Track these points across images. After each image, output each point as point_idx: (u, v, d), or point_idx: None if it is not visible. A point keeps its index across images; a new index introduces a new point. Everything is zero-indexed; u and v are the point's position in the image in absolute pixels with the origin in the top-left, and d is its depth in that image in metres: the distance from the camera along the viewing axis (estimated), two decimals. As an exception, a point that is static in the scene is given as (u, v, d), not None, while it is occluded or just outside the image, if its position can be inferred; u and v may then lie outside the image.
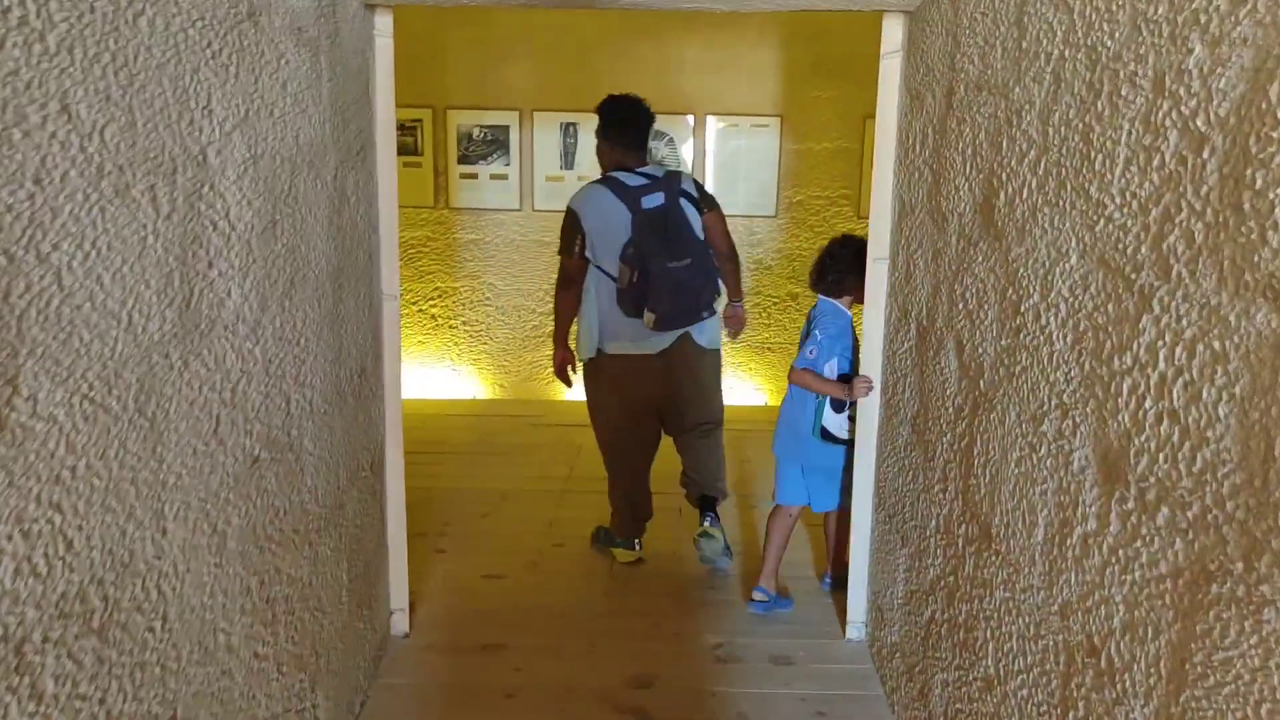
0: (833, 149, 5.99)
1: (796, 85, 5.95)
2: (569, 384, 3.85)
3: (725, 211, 3.91)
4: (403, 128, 6.01)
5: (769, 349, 6.20)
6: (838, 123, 5.96)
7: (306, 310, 2.25)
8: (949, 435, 2.30)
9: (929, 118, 2.55)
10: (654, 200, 3.52)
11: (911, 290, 2.67)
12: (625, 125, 3.66)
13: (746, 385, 6.24)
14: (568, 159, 6.02)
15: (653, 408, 3.77)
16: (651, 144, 6.06)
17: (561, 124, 5.99)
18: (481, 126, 6.02)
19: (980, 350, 2.08)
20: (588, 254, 3.59)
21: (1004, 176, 1.95)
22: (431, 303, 6.18)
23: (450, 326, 6.21)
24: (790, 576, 3.71)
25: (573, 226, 3.60)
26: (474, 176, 6.05)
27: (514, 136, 6.00)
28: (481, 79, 5.95)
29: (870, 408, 3.08)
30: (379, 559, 3.04)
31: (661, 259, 3.43)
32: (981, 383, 2.07)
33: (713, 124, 5.96)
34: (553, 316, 3.80)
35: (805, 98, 5.95)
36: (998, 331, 1.97)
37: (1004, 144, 1.95)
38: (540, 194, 6.05)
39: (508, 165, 6.03)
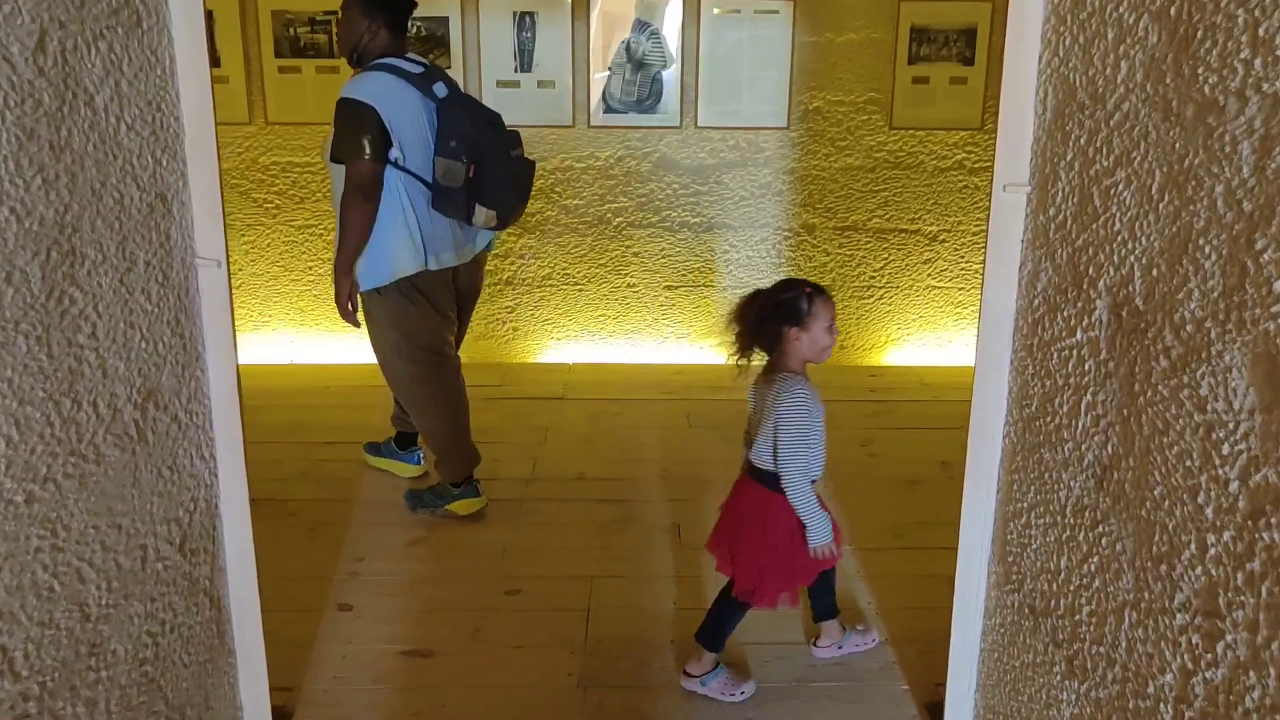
0: (859, 41, 4.76)
1: (812, -40, 4.71)
2: (357, 324, 3.25)
3: (724, 123, 3.64)
4: (311, 23, 4.73)
5: (779, 294, 5.04)
6: (864, 7, 4.72)
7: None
8: (1210, 517, 1.18)
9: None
10: (442, 90, 3.17)
11: (1102, 243, 1.52)
12: (398, 2, 3.22)
13: (752, 339, 5.09)
14: (524, 59, 4.77)
15: (453, 324, 3.42)
16: (632, 37, 4.85)
17: (515, 13, 4.73)
18: (414, 19, 4.74)
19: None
20: (393, 155, 3.05)
21: None
22: (360, 244, 4.96)
23: (385, 273, 5.00)
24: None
25: (366, 123, 3.01)
26: (407, 84, 4.79)
27: (455, 31, 4.74)
28: (411, -43, 4.67)
29: (990, 415, 1.94)
30: (213, 678, 1.92)
31: (499, 147, 3.14)
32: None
33: (708, 11, 4.71)
34: (339, 241, 3.12)
35: (823, -24, 4.72)
36: None
37: None
38: (491, 103, 4.77)
39: (449, 67, 4.77)
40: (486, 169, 3.08)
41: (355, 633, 2.71)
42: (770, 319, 2.33)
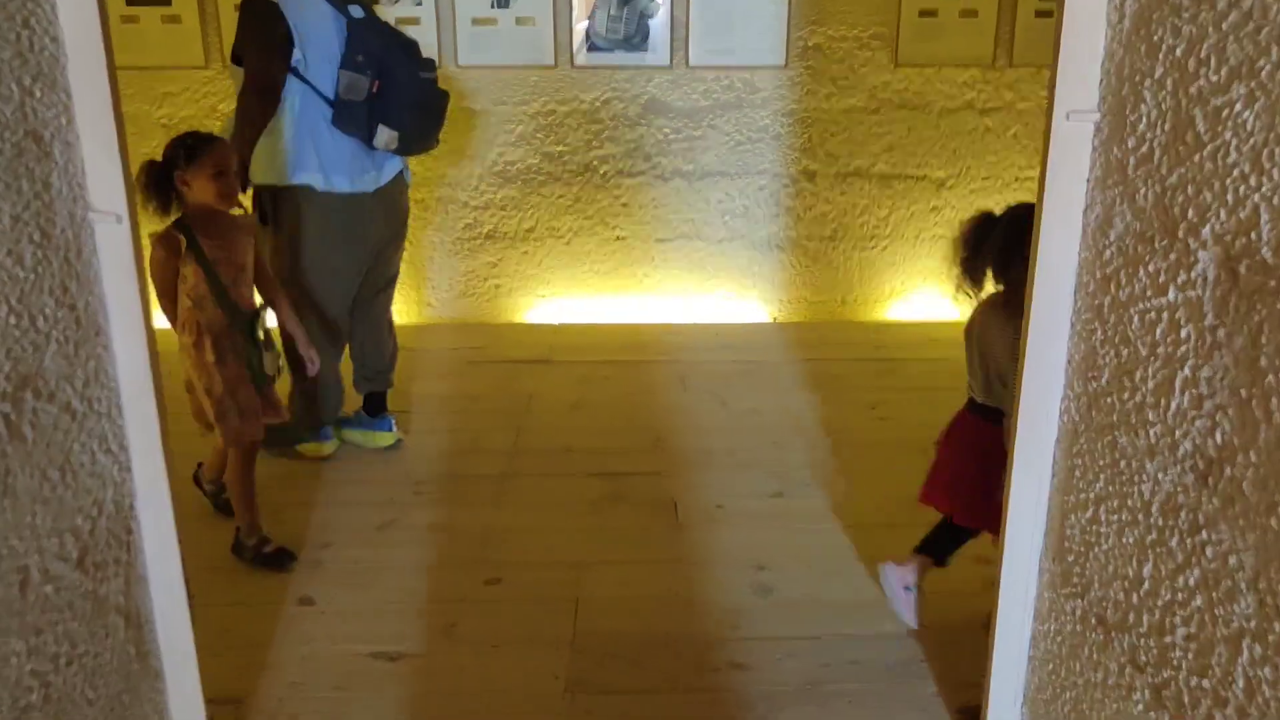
0: (862, -29, 4.40)
1: (812, -119, 4.33)
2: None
3: (717, 62, 3.62)
4: (268, -47, 4.34)
5: (777, 247, 4.72)
6: (868, -67, 4.37)
7: None
8: None
9: None
10: (358, 12, 3.02)
11: (1208, 180, 1.21)
12: None
13: (744, 298, 4.79)
14: (501, -6, 4.40)
15: (362, 265, 3.23)
16: None
17: (490, -56, 4.36)
18: (380, -49, 4.36)
19: None
20: (295, 60, 2.92)
21: None
22: (328, 197, 4.62)
23: (356, 228, 4.66)
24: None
25: (268, 23, 2.90)
26: (374, 22, 4.41)
27: (425, -37, 4.37)
28: (375, -119, 4.27)
29: (1045, 388, 1.64)
30: (131, 709, 1.63)
31: (409, 67, 3.04)
32: None
33: (698, -61, 4.34)
34: (239, 132, 3.00)
35: (824, -101, 4.34)
36: None
37: None
38: (466, 43, 4.45)
39: (419, 4, 4.40)
40: (393, 87, 3.00)
41: (316, 630, 2.42)
42: (1016, 246, 2.01)
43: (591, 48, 4.45)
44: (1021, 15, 4.44)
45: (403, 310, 4.73)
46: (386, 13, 4.31)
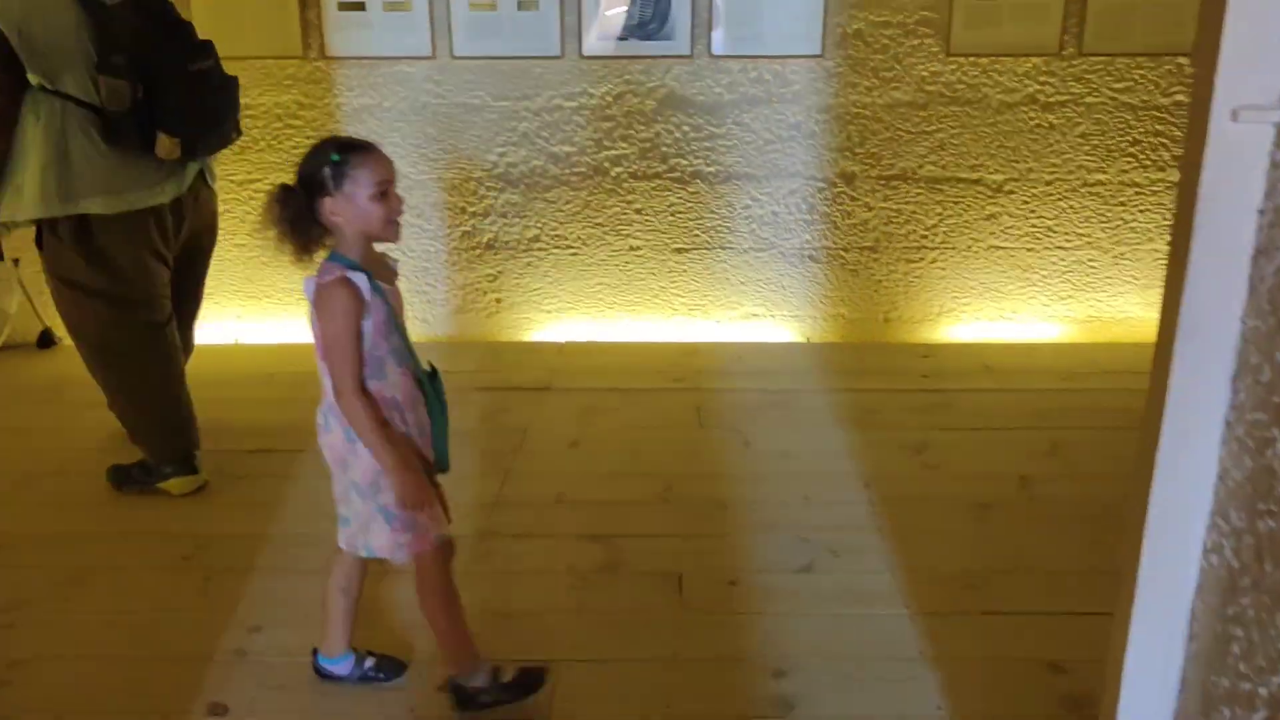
0: (909, -54, 3.87)
1: None
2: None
3: (744, 51, 3.27)
4: (242, -71, 3.90)
5: (811, 259, 4.21)
6: (917, -96, 3.84)
7: None
8: None
9: None
10: None
11: None
12: None
13: (773, 316, 4.28)
14: (501, -25, 3.92)
15: (164, 281, 2.89)
16: None
17: (488, -82, 3.88)
18: (366, -73, 3.91)
19: None
20: (34, 79, 2.53)
21: None
22: (312, 202, 4.17)
23: (342, 236, 4.21)
24: None
25: None
26: (359, 6, 3.96)
27: (416, -60, 3.91)
28: None
29: (1177, 519, 1.13)
30: None
31: (178, 61, 2.68)
32: None
33: (723, -89, 3.84)
34: None
35: None
36: None
37: None
38: (463, 31, 3.97)
39: (410, -13, 3.94)
40: (160, 87, 2.64)
41: None
42: None
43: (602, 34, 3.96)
44: (1086, -5, 3.88)
45: (394, 327, 4.28)
46: (371, -4, 3.86)
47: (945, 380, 3.75)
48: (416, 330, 4.28)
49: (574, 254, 4.22)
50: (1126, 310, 4.24)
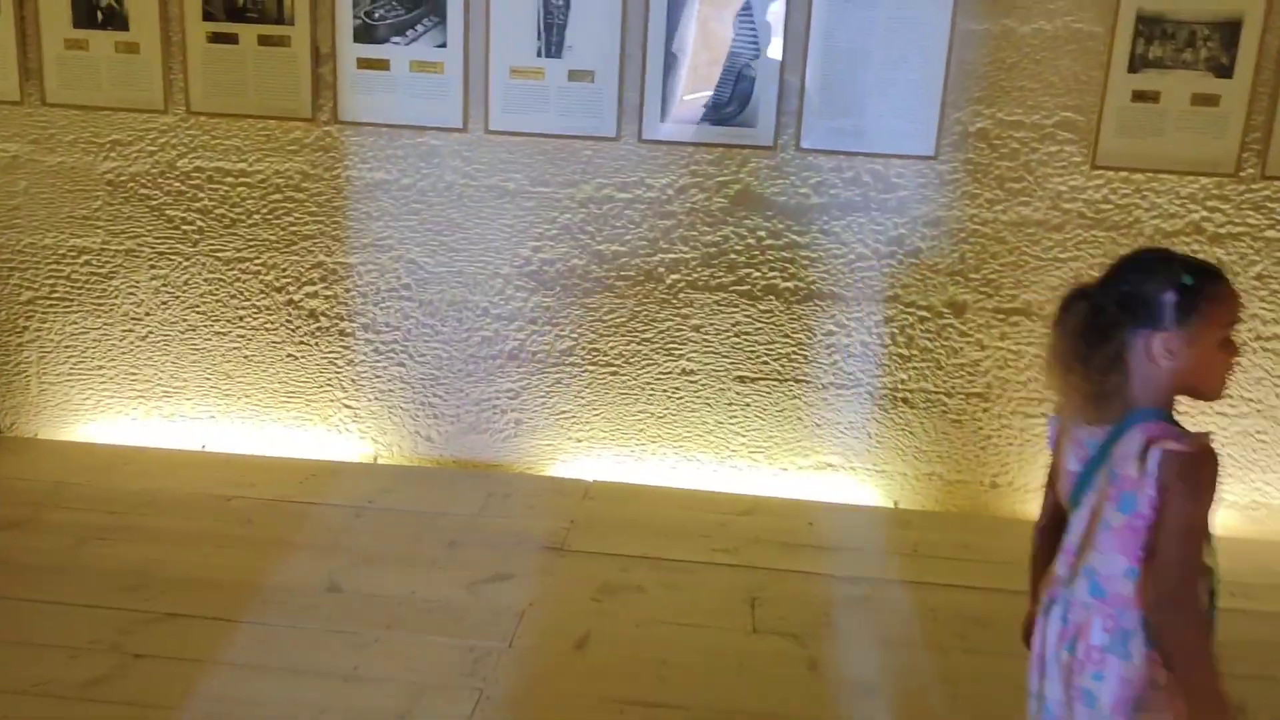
0: (1054, 32, 3.13)
1: (992, -94, 3.11)
2: None
3: (839, 146, 2.73)
4: (251, -32, 3.32)
5: (905, 402, 3.41)
6: (1067, -18, 3.11)
7: None
8: None
9: None
10: None
11: None
12: None
13: (853, 470, 3.47)
14: (552, 38, 3.27)
15: None
16: (706, 14, 3.24)
17: (541, -30, 3.25)
18: (397, -27, 3.30)
19: None
20: None
21: None
22: (310, 290, 3.50)
23: (342, 333, 3.53)
24: None
25: None
26: (383, 65, 3.33)
27: (454, -8, 3.28)
28: (398, -118, 3.23)
29: None
30: None
31: None
32: None
33: (825, -23, 3.16)
34: None
35: (1007, -70, 3.12)
36: None
37: None
38: (501, 101, 3.31)
39: (443, 46, 3.30)
40: None
41: None
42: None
43: (671, 116, 3.26)
44: (1286, 106, 3.09)
45: (397, 444, 3.56)
46: (398, 54, 3.25)
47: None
48: (417, 449, 3.56)
49: (614, 373, 3.48)
50: (1302, 498, 3.36)
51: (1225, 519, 3.38)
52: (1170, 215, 3.22)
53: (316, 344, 3.54)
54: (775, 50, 3.19)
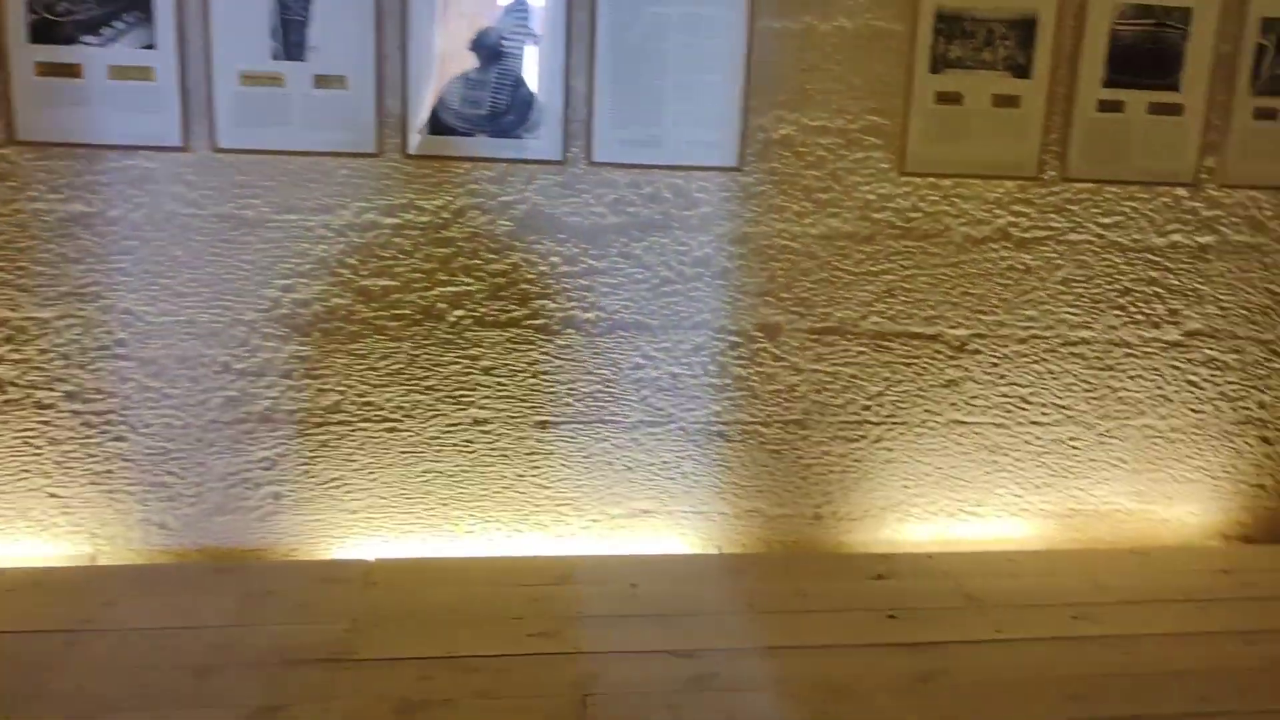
0: (855, 31, 2.91)
1: (784, -108, 2.84)
2: None
3: (635, 159, 2.59)
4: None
5: (721, 436, 3.10)
6: (865, -23, 2.90)
7: None
8: None
9: None
10: None
11: None
12: None
13: (670, 514, 3.13)
14: (291, 38, 2.72)
15: None
16: (473, 9, 2.78)
17: (272, -46, 2.69)
18: (88, -45, 2.65)
19: None
20: None
21: None
22: (-9, 354, 2.78)
23: (39, 405, 2.82)
24: None
25: None
26: (74, 73, 2.66)
27: (162, -20, 2.66)
28: None
29: None
30: None
31: None
32: None
33: (610, -32, 2.79)
34: None
35: (801, -79, 2.86)
36: None
37: None
38: (231, 113, 2.73)
39: (151, 48, 2.67)
40: None
41: None
42: None
43: (439, 128, 2.80)
44: (1082, 105, 3.01)
45: (108, 530, 2.88)
46: (93, 57, 2.60)
47: (921, 626, 2.66)
48: (152, 541, 2.90)
49: (392, 429, 2.97)
50: (1113, 501, 3.32)
51: (1040, 529, 3.30)
52: (978, 221, 3.08)
53: (5, 421, 2.81)
54: (558, 52, 2.79)
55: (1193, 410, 3.29)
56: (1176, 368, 3.25)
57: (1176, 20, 2.99)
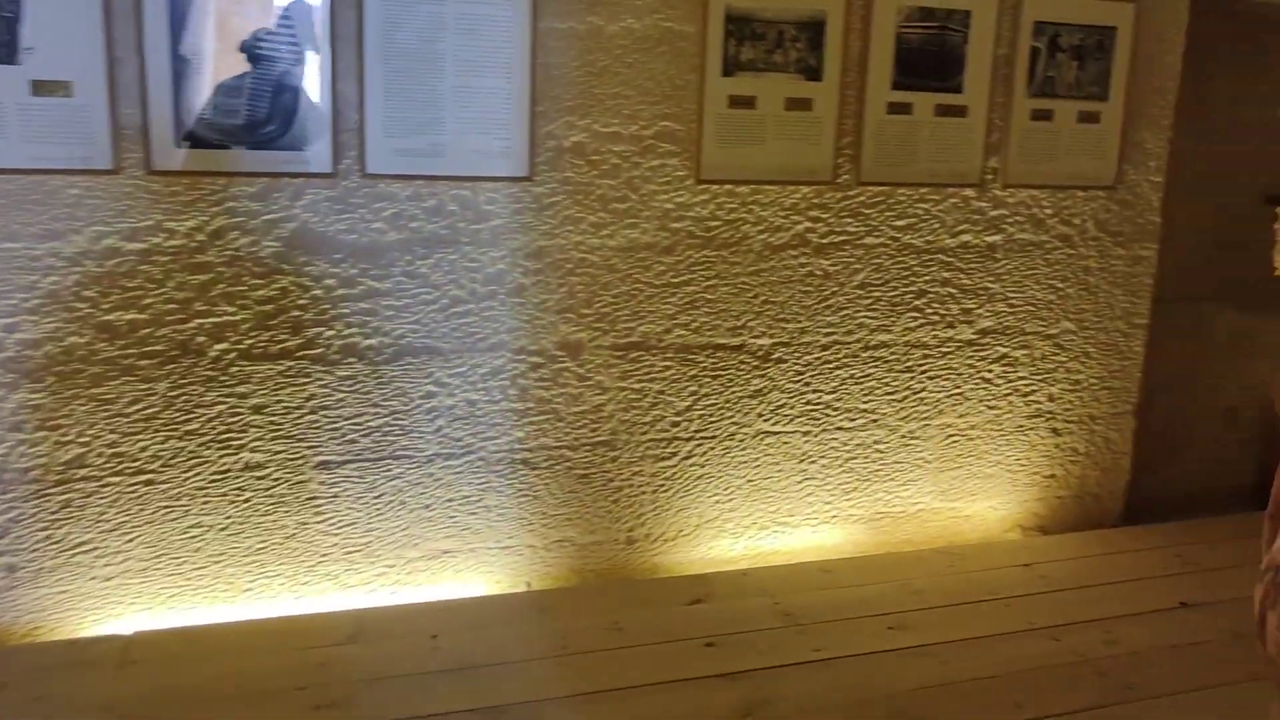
0: (644, 32, 2.78)
1: (562, -115, 2.67)
2: None
3: (415, 169, 2.37)
4: None
5: (524, 464, 2.90)
6: (652, -24, 2.76)
7: None
8: None
9: None
10: None
11: None
12: None
13: (474, 552, 2.91)
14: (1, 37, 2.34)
15: None
16: (224, 6, 2.46)
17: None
18: None
19: None
20: None
21: None
22: None
23: None
24: None
25: None
26: None
27: None
28: None
29: None
30: None
31: None
32: None
33: (377, -38, 2.54)
34: None
35: (582, -85, 2.69)
36: None
37: None
38: (21, 125, 2.32)
39: None
40: None
41: None
42: None
43: (192, 139, 2.47)
44: (872, 107, 2.99)
45: None
46: None
47: (740, 653, 2.55)
48: None
49: (148, 482, 2.61)
50: (919, 501, 3.34)
51: (851, 534, 3.28)
52: (777, 228, 3.01)
53: None
54: (323, 53, 2.52)
55: (989, 407, 3.34)
56: (972, 366, 3.29)
57: (957, 23, 3.01)
